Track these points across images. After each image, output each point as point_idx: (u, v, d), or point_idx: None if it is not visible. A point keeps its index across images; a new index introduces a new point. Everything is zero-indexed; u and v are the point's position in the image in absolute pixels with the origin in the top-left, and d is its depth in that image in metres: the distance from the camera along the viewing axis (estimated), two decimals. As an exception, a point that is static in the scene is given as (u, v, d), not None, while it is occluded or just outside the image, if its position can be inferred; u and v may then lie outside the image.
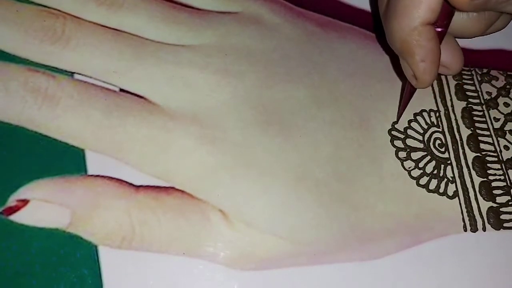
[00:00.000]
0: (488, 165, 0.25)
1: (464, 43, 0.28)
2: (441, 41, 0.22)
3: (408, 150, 0.25)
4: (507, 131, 0.26)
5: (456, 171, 0.25)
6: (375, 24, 0.28)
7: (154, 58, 0.23)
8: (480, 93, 0.27)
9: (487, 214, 0.24)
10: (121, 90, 0.23)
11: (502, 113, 0.27)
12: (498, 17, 0.23)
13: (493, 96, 0.27)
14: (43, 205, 0.20)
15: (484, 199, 0.24)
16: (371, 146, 0.24)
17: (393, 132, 0.25)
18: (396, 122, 0.25)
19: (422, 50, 0.21)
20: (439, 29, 0.21)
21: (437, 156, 0.25)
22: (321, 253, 0.22)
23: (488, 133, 0.26)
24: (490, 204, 0.24)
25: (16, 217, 0.20)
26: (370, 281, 0.22)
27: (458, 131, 0.26)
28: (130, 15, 0.24)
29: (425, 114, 0.26)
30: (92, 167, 0.21)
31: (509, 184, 0.25)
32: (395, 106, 0.26)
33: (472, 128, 0.26)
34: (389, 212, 0.23)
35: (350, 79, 0.25)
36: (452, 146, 0.25)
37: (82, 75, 0.22)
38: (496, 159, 0.25)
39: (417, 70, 0.21)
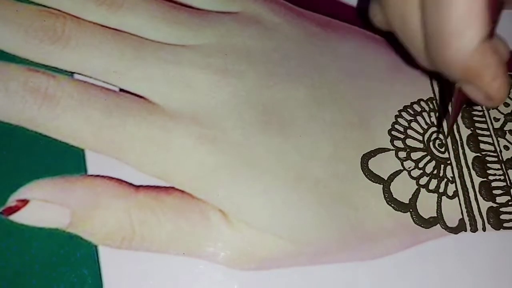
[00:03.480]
0: (488, 165, 0.25)
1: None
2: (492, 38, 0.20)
3: (408, 150, 0.25)
4: (507, 131, 0.26)
5: (456, 171, 0.25)
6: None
7: (154, 58, 0.23)
8: (480, 93, 0.27)
9: (487, 214, 0.24)
10: (121, 90, 0.23)
11: (502, 113, 0.27)
12: None
13: (493, 96, 0.27)
14: (43, 205, 0.20)
15: (484, 199, 0.24)
16: (371, 146, 0.24)
17: (393, 132, 0.25)
18: (447, 136, 0.24)
19: (490, 68, 0.19)
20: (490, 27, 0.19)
21: (437, 156, 0.25)
22: (321, 253, 0.22)
23: (488, 133, 0.26)
24: (490, 204, 0.24)
25: (16, 217, 0.20)
26: (370, 281, 0.22)
27: (458, 131, 0.26)
28: (130, 15, 0.23)
29: (425, 114, 0.26)
30: (92, 167, 0.21)
31: (509, 184, 0.25)
32: (395, 106, 0.25)
33: (472, 128, 0.26)
34: (389, 212, 0.23)
35: (350, 79, 0.25)
36: (452, 146, 0.25)
37: (82, 75, 0.22)
38: (496, 159, 0.25)
39: (491, 91, 0.20)
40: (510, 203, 0.24)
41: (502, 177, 0.25)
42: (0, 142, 0.21)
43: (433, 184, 0.24)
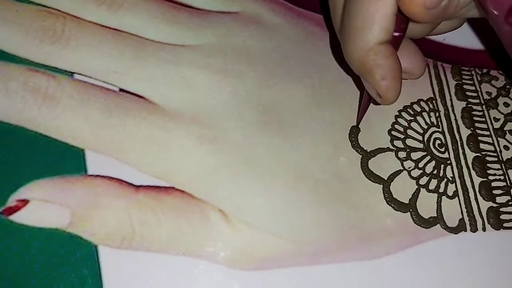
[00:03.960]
0: (488, 165, 0.25)
1: (464, 43, 0.28)
2: (399, 46, 0.21)
3: (408, 150, 0.25)
4: (507, 131, 0.26)
5: (456, 171, 0.25)
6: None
7: (154, 58, 0.23)
8: (480, 93, 0.27)
9: (487, 214, 0.24)
10: (121, 90, 0.23)
11: (502, 113, 0.27)
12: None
13: (493, 96, 0.27)
14: (43, 205, 0.20)
15: (484, 199, 0.24)
16: (371, 146, 0.24)
17: (393, 132, 0.25)
18: (356, 126, 0.24)
19: (381, 69, 0.20)
20: (396, 34, 0.21)
21: (437, 156, 0.25)
22: (321, 253, 0.22)
23: (488, 133, 0.26)
24: (490, 204, 0.24)
25: (16, 217, 0.20)
26: (370, 281, 0.22)
27: (458, 131, 0.26)
28: (130, 15, 0.24)
29: (425, 114, 0.26)
30: (92, 167, 0.21)
31: (509, 184, 0.25)
32: (395, 106, 0.25)
33: (472, 128, 0.26)
34: (389, 212, 0.23)
35: (349, 79, 0.25)
36: (452, 146, 0.25)
37: (82, 75, 0.22)
38: (496, 159, 0.25)
39: (379, 89, 0.21)
40: (510, 203, 0.24)
41: (502, 177, 0.25)
42: (0, 142, 0.21)
43: (433, 184, 0.24)
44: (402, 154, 0.24)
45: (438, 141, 0.25)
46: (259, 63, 0.24)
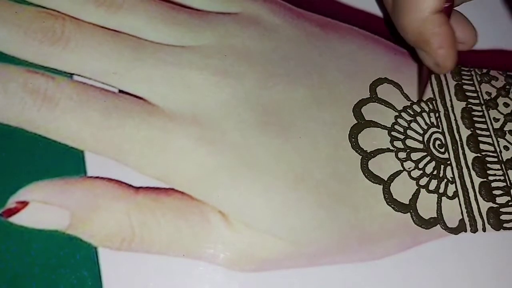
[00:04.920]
0: (488, 165, 0.25)
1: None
2: (450, 16, 0.23)
3: (408, 150, 0.25)
4: (507, 131, 0.26)
5: (456, 171, 0.25)
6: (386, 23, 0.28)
7: (154, 59, 0.23)
8: (479, 93, 0.27)
9: (487, 214, 0.24)
10: (120, 91, 0.23)
11: (502, 114, 0.27)
12: None
13: (492, 96, 0.27)
14: (43, 207, 0.20)
15: (484, 199, 0.24)
16: (370, 146, 0.24)
17: (393, 133, 0.25)
18: (420, 100, 0.25)
19: (438, 37, 0.22)
20: (446, 4, 0.22)
21: (437, 156, 0.25)
22: (321, 254, 0.22)
23: (488, 133, 0.26)
24: (490, 204, 0.24)
25: (15, 219, 0.20)
26: (370, 282, 0.22)
27: (458, 132, 0.26)
28: (129, 16, 0.23)
29: (424, 114, 0.26)
30: (92, 168, 0.21)
31: (509, 184, 0.25)
32: (395, 106, 0.25)
33: (472, 129, 0.26)
34: (389, 213, 0.23)
35: (350, 79, 0.25)
36: (452, 146, 0.25)
37: (81, 76, 0.22)
38: (496, 159, 0.25)
39: (437, 57, 0.23)
40: (510, 203, 0.24)
41: (502, 178, 0.25)
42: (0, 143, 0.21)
43: (433, 184, 0.24)
44: (402, 155, 0.24)
45: (438, 142, 0.25)
46: (258, 64, 0.24)
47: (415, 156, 0.25)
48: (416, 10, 0.22)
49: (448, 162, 0.25)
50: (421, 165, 0.24)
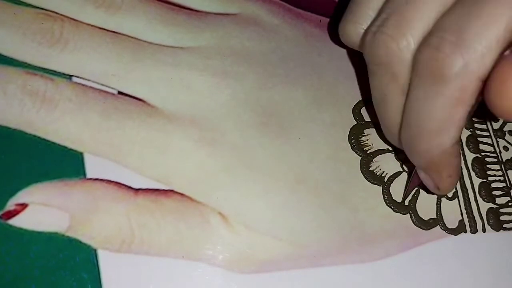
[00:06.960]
0: (488, 166, 0.25)
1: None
2: None
3: (407, 151, 0.25)
4: (506, 132, 0.26)
5: (455, 172, 0.25)
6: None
7: (153, 60, 0.23)
8: (479, 93, 0.27)
9: (486, 215, 0.24)
10: (120, 92, 0.23)
11: (502, 114, 0.27)
12: None
13: (492, 96, 0.27)
14: (42, 209, 0.20)
15: (483, 200, 0.24)
16: (370, 148, 0.24)
17: (393, 134, 0.25)
18: (403, 200, 0.24)
19: (450, 167, 0.21)
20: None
21: (437, 157, 0.25)
22: (321, 255, 0.22)
23: (487, 134, 0.26)
24: (490, 205, 0.24)
25: (15, 221, 0.19)
26: (371, 283, 0.22)
27: (458, 132, 0.26)
28: (128, 18, 0.23)
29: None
30: (91, 170, 0.21)
31: (508, 185, 0.25)
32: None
33: (471, 129, 0.26)
34: (389, 214, 0.23)
35: (349, 80, 0.25)
36: (452, 147, 0.25)
37: (80, 78, 0.22)
38: (495, 160, 0.25)
39: (443, 185, 0.21)
40: (510, 204, 0.24)
41: (501, 178, 0.25)
42: (-1, 145, 0.20)
43: (432, 185, 0.24)
44: (401, 156, 0.24)
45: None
46: (258, 65, 0.24)
47: (414, 156, 0.25)
48: (437, 138, 0.20)
49: (448, 163, 0.25)
50: (420, 166, 0.24)
